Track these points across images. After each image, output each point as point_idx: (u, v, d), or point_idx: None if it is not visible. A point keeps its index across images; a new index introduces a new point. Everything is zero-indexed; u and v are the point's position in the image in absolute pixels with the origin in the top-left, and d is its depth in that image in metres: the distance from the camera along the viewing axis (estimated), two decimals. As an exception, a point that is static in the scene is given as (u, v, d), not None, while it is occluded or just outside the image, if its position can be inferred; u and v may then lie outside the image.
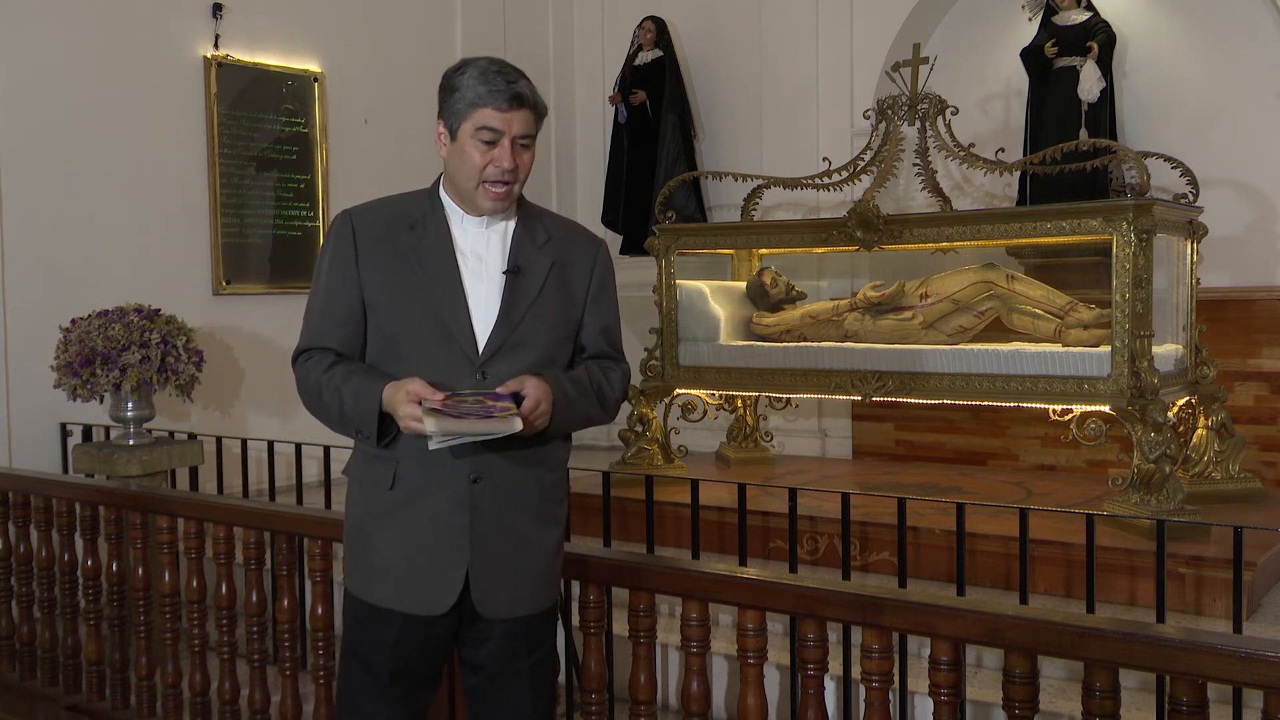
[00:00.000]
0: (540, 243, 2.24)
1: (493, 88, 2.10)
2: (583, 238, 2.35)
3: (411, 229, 2.21)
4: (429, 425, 2.01)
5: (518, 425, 2.03)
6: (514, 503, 2.20)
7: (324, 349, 2.22)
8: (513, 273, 2.19)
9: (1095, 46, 5.62)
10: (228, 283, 5.77)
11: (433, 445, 2.05)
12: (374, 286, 2.19)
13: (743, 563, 3.13)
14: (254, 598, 3.30)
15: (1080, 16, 5.72)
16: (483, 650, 2.26)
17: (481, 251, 2.21)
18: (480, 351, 2.16)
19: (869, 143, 5.17)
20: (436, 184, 2.27)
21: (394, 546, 2.20)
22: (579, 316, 2.28)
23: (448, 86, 2.15)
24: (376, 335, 2.21)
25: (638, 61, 7.02)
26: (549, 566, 2.29)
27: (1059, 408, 4.44)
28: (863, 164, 5.18)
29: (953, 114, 5.00)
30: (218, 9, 5.73)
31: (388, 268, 2.19)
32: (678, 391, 5.38)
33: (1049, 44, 5.71)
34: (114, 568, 3.67)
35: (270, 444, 4.41)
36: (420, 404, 2.04)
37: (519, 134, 2.13)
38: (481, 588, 2.19)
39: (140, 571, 3.56)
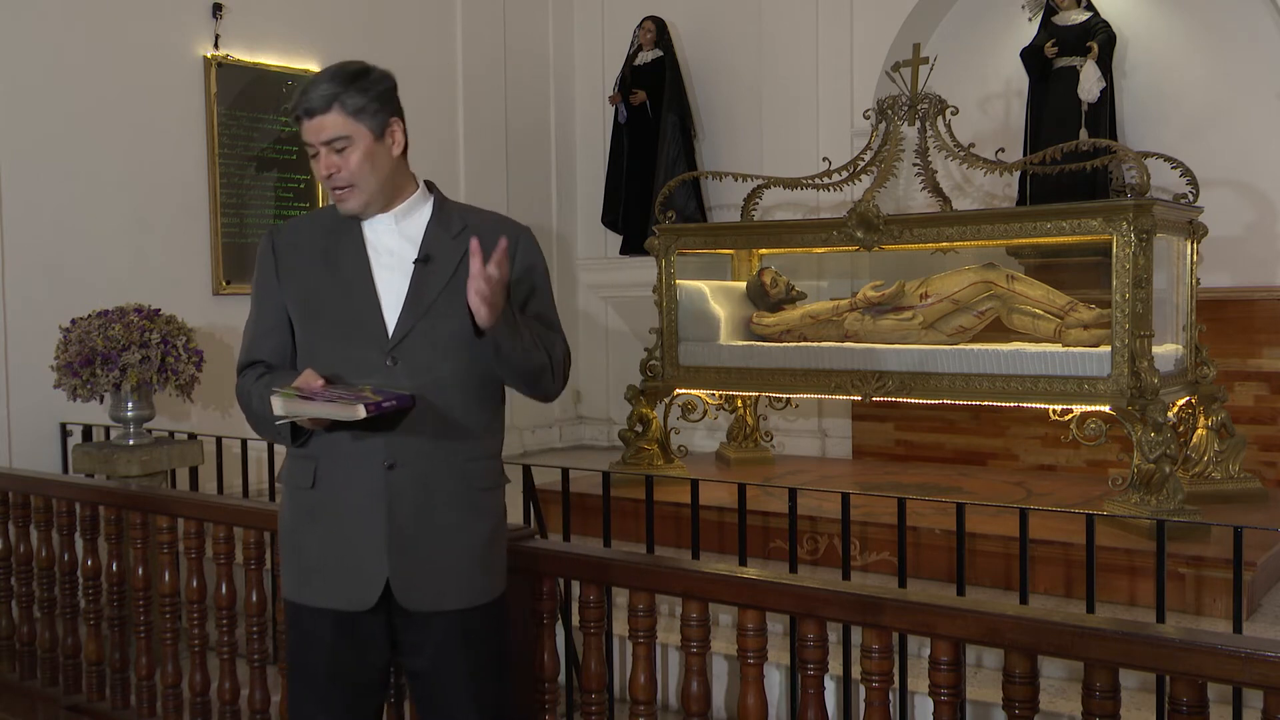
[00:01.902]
0: (455, 232, 2.24)
1: (293, 106, 2.18)
2: (503, 225, 2.32)
3: (328, 234, 2.25)
4: (276, 406, 2.05)
5: (360, 413, 2.02)
6: (434, 491, 2.20)
7: (256, 363, 2.27)
8: (423, 261, 2.20)
9: (1095, 46, 5.62)
10: (228, 283, 5.77)
11: (278, 422, 2.12)
12: (293, 294, 2.24)
13: (743, 563, 3.13)
14: (254, 598, 3.30)
15: (1080, 16, 5.72)
16: (422, 655, 2.24)
17: (393, 246, 2.23)
18: (390, 337, 2.17)
19: (869, 143, 5.17)
20: None
21: (319, 544, 2.21)
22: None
23: None
24: (300, 341, 2.25)
25: (638, 62, 7.02)
26: (480, 558, 2.26)
27: (1059, 408, 4.44)
28: (863, 164, 5.18)
29: (953, 114, 5.00)
30: (218, 9, 5.73)
31: (304, 274, 2.23)
32: (678, 391, 5.37)
33: (1049, 44, 5.71)
34: (114, 568, 3.67)
35: (270, 444, 4.41)
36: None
37: (326, 140, 2.15)
38: (402, 579, 2.18)
39: (140, 571, 3.56)
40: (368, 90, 2.16)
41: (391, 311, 2.19)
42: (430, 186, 2.31)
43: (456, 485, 2.22)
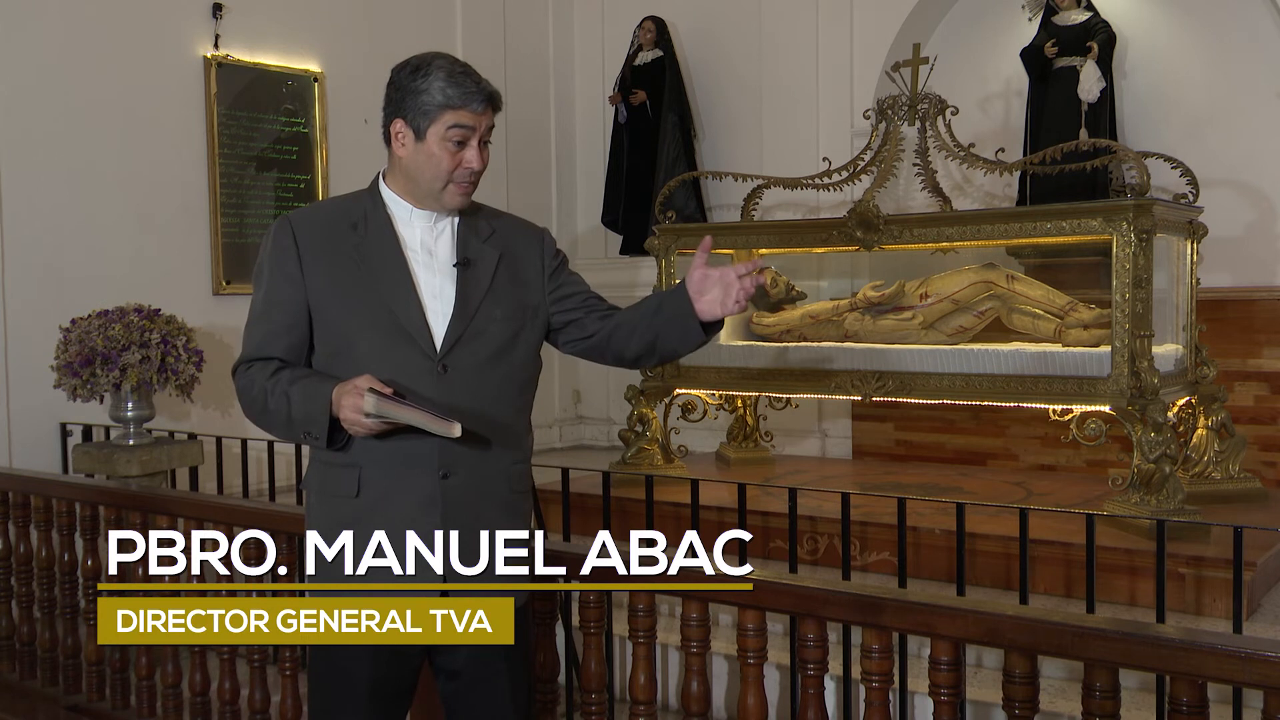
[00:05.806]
0: (485, 236, 2.25)
1: (465, 90, 2.11)
2: (525, 228, 2.36)
3: (354, 228, 2.18)
4: (367, 402, 1.98)
5: (456, 431, 1.99)
6: (483, 497, 2.18)
7: (267, 359, 2.18)
8: (463, 265, 2.18)
9: (1095, 46, 5.62)
10: (228, 283, 5.77)
11: (366, 418, 2.01)
12: (320, 289, 2.16)
13: (743, 563, 3.13)
14: (254, 598, 3.30)
15: (1080, 16, 5.72)
16: (460, 654, 2.22)
17: (431, 246, 2.20)
18: (439, 346, 2.14)
19: (869, 143, 5.17)
20: (375, 182, 2.25)
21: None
22: (537, 303, 2.28)
23: (408, 87, 2.13)
24: (326, 339, 2.17)
25: (638, 61, 7.02)
26: None
27: (1059, 408, 4.44)
28: (863, 164, 5.18)
29: (953, 114, 5.00)
30: (218, 9, 5.73)
31: (333, 269, 2.16)
32: (678, 391, 5.38)
33: (1049, 44, 5.71)
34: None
35: (270, 444, 4.41)
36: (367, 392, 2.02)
37: (487, 129, 2.16)
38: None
39: (140, 571, 3.55)
40: None
41: (436, 317, 2.15)
42: None
43: (502, 490, 2.21)
